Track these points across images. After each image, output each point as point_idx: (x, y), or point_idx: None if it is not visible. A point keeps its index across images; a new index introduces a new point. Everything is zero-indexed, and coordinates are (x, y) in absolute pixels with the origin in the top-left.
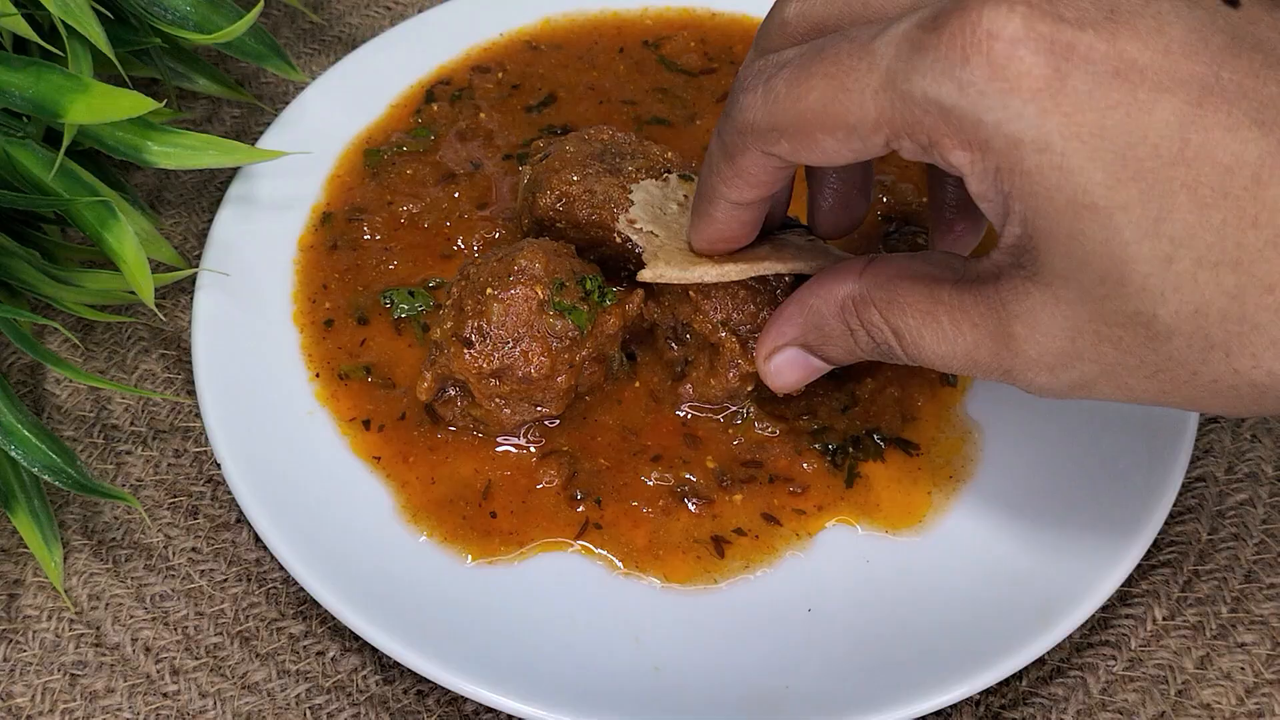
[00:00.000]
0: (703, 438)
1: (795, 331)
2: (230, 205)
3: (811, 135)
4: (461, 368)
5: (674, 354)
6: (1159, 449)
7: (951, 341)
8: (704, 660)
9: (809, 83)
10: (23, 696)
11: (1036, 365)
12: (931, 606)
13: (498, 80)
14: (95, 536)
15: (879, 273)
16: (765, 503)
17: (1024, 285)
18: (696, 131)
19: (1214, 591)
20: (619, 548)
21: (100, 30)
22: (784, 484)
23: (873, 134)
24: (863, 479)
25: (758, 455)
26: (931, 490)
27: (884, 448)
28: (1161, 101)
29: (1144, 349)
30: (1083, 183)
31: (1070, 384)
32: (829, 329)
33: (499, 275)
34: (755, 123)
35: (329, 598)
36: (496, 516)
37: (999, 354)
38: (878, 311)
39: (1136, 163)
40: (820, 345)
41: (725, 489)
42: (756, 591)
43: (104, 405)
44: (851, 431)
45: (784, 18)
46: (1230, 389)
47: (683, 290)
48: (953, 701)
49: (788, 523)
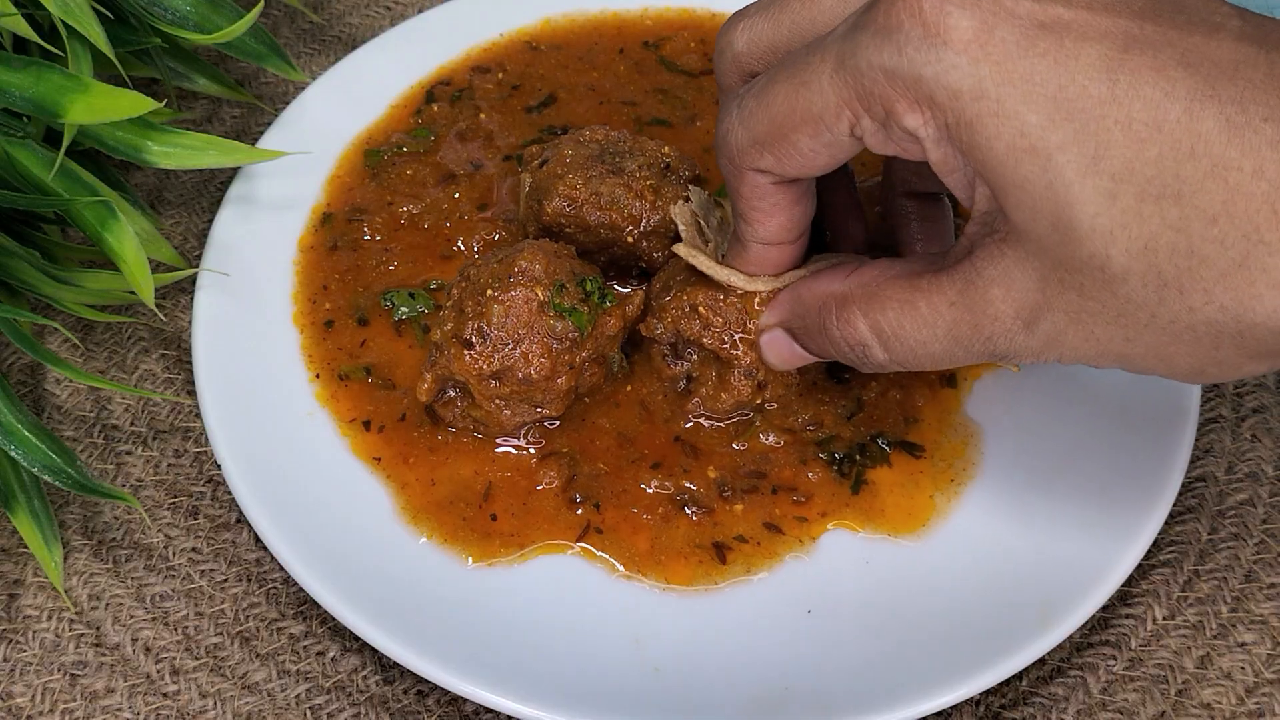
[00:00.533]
0: (702, 449)
1: (780, 316)
2: (230, 205)
3: (786, 138)
4: (462, 369)
5: (674, 371)
6: (1159, 449)
7: (931, 325)
8: (704, 661)
9: (773, 89)
10: (23, 696)
11: (1013, 323)
12: (931, 607)
13: (498, 81)
14: (95, 536)
15: (864, 274)
16: (767, 512)
17: (996, 248)
18: (696, 132)
19: (1214, 591)
20: (620, 552)
21: (100, 30)
22: (787, 494)
23: (836, 120)
24: (869, 485)
25: (761, 466)
26: (934, 494)
27: (889, 452)
28: (1086, 48)
29: (1103, 292)
30: (1019, 125)
31: (1045, 339)
32: (809, 322)
33: (499, 276)
34: (738, 143)
35: (329, 598)
36: (497, 519)
37: (978, 324)
38: (858, 310)
39: (1068, 103)
40: (801, 335)
41: (726, 499)
42: (756, 593)
43: (104, 405)
44: (857, 439)
45: (735, 52)
46: (1188, 330)
47: (690, 306)
48: (953, 702)
49: (790, 530)
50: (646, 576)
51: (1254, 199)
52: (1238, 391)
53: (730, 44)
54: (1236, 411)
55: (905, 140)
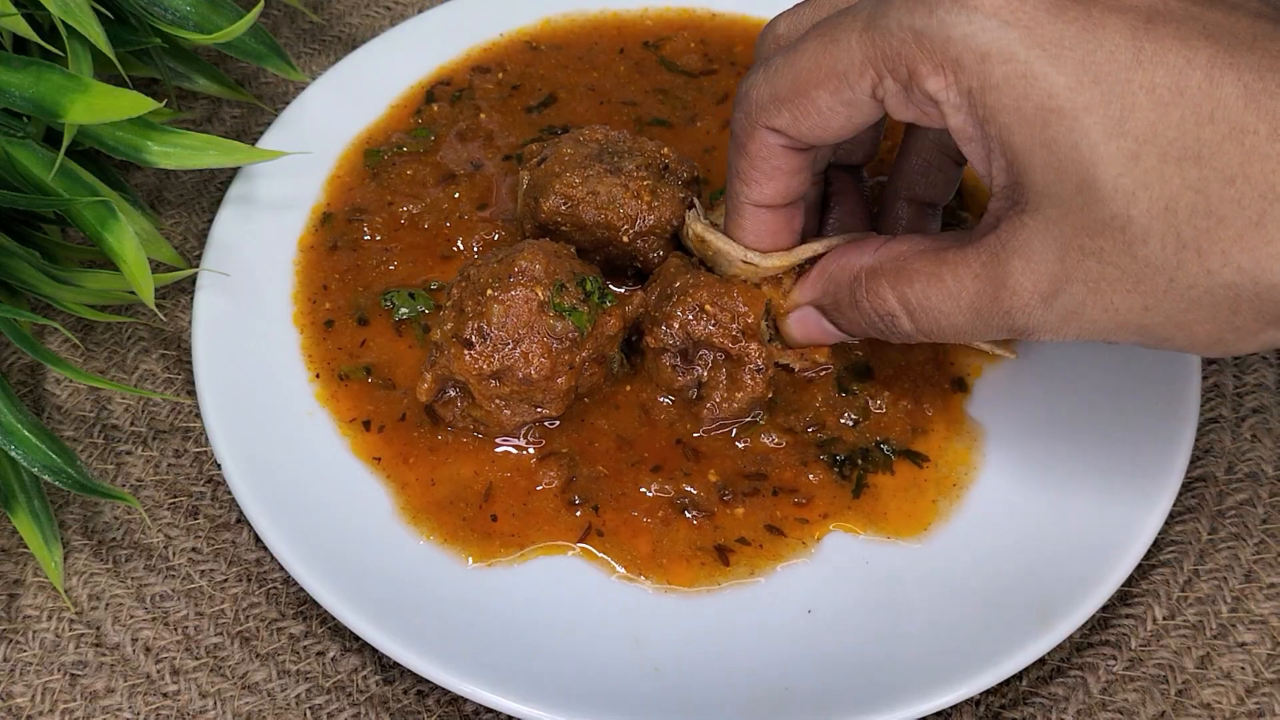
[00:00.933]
0: (703, 451)
1: (814, 293)
2: (230, 205)
3: (807, 94)
4: (462, 369)
5: (683, 381)
6: (1159, 449)
7: (955, 296)
8: (704, 661)
9: (802, 45)
10: (23, 696)
11: (1033, 298)
12: (931, 607)
13: (498, 81)
14: (95, 536)
15: (892, 248)
16: (768, 514)
17: (1018, 219)
18: (697, 133)
19: (1214, 591)
20: (621, 554)
21: (100, 30)
22: (788, 495)
23: (860, 78)
24: (870, 489)
25: (762, 467)
26: (937, 499)
27: (893, 459)
28: (1113, 18)
29: (1123, 256)
30: (1047, 87)
31: (1063, 313)
32: (841, 297)
33: (499, 276)
34: (759, 99)
35: (329, 598)
36: (498, 520)
37: (999, 297)
38: (887, 283)
39: (1095, 67)
40: (832, 311)
41: (726, 503)
42: (757, 593)
43: (104, 405)
44: (861, 443)
45: (775, 34)
46: (1206, 295)
47: (696, 306)
48: (953, 702)
49: (791, 532)
50: (648, 579)
51: (1270, 160)
52: (1238, 391)
53: (772, 27)
54: (1236, 411)
55: (925, 104)
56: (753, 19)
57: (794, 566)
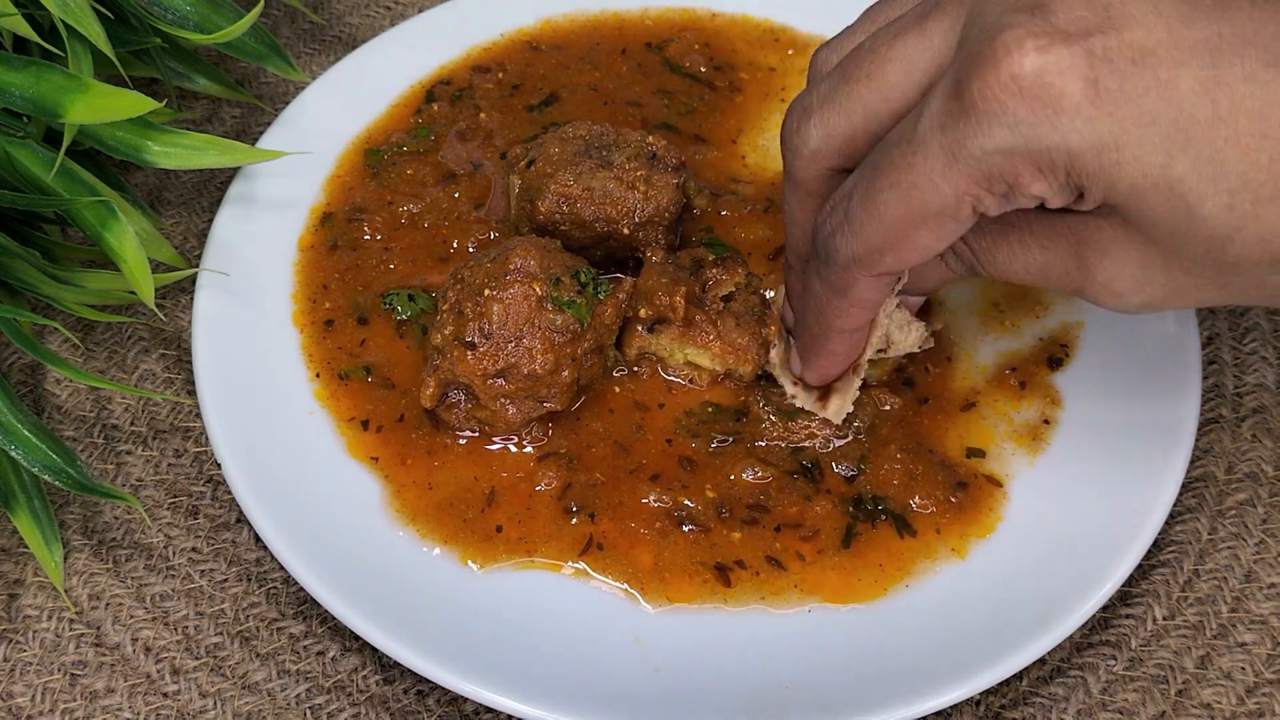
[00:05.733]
0: (699, 463)
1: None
2: (230, 205)
3: (908, 239)
4: (465, 371)
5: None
6: (1159, 448)
7: (1023, 259)
8: (704, 661)
9: (881, 198)
10: (23, 696)
11: (1105, 289)
12: (931, 607)
13: (498, 80)
14: (95, 536)
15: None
16: (768, 546)
17: (1097, 222)
18: (698, 133)
19: (1214, 591)
20: (622, 570)
21: (100, 30)
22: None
23: (958, 209)
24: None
25: (762, 500)
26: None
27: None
28: (1181, 75)
29: (1214, 272)
30: (1142, 168)
31: (1138, 305)
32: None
33: (495, 275)
34: (855, 255)
35: (329, 598)
36: (502, 530)
37: (1070, 274)
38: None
39: (1182, 134)
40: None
41: (724, 521)
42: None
43: (104, 405)
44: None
45: (812, 149)
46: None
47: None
48: (953, 701)
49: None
50: (650, 595)
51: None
52: (1238, 391)
53: (805, 143)
54: (1236, 411)
55: (1028, 201)
56: (753, 19)
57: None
